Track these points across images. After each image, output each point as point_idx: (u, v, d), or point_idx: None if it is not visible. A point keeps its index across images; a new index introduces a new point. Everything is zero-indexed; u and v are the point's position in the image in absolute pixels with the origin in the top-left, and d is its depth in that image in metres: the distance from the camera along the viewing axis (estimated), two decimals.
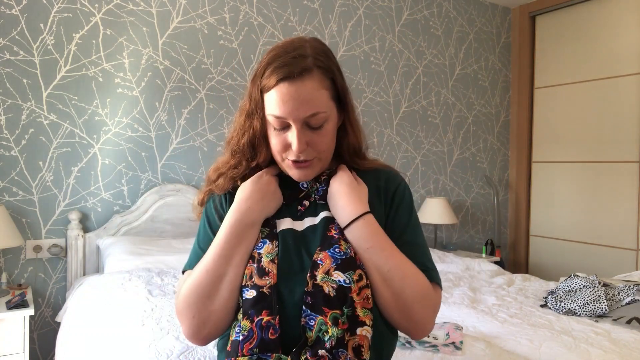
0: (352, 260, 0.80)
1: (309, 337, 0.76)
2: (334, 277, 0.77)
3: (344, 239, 0.82)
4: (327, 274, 0.78)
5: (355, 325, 0.76)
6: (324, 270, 0.78)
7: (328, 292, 0.76)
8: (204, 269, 0.82)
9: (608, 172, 3.54)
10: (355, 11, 3.33)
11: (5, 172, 2.30)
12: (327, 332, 0.75)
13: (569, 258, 3.75)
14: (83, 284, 2.18)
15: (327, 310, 0.76)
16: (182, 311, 0.83)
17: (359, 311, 0.77)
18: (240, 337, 0.77)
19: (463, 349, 1.61)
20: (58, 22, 2.40)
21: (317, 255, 0.81)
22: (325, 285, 0.77)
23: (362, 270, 0.79)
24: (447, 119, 3.77)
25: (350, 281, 0.77)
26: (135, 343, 1.58)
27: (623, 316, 1.92)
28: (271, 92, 0.82)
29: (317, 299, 0.76)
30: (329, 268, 0.78)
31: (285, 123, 0.83)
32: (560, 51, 3.84)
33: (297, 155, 0.84)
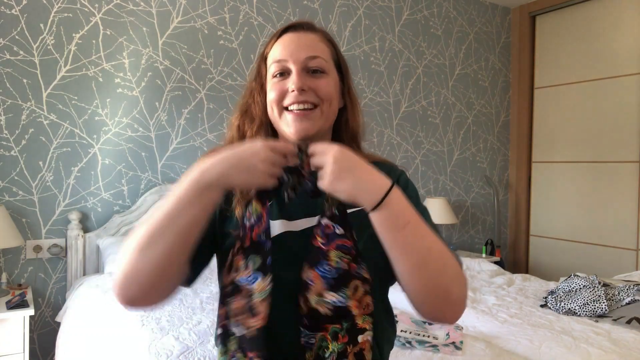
0: (345, 275, 0.73)
1: (308, 357, 0.72)
2: (328, 299, 0.72)
3: (335, 246, 0.73)
4: (320, 295, 0.72)
5: (355, 335, 0.73)
6: (315, 292, 0.72)
7: (325, 313, 0.72)
8: (147, 221, 0.71)
9: (608, 172, 3.54)
10: (355, 11, 3.33)
11: (5, 172, 2.30)
12: (327, 348, 0.72)
13: (569, 258, 3.75)
14: (83, 284, 2.18)
15: (327, 326, 0.72)
16: (118, 261, 0.74)
17: (358, 320, 0.73)
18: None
19: (463, 349, 1.61)
20: (58, 22, 2.40)
21: (306, 273, 0.73)
22: (321, 307, 0.72)
23: (356, 280, 0.73)
24: (447, 119, 3.77)
25: (345, 298, 0.72)
26: (135, 343, 1.58)
27: (623, 316, 1.93)
28: (274, 46, 0.85)
29: (315, 319, 0.72)
30: (320, 290, 0.72)
31: (285, 67, 0.82)
32: (560, 51, 3.84)
33: (296, 96, 0.80)
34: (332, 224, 0.74)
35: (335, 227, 0.74)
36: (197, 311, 1.81)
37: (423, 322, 1.87)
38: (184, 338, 1.57)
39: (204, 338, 1.58)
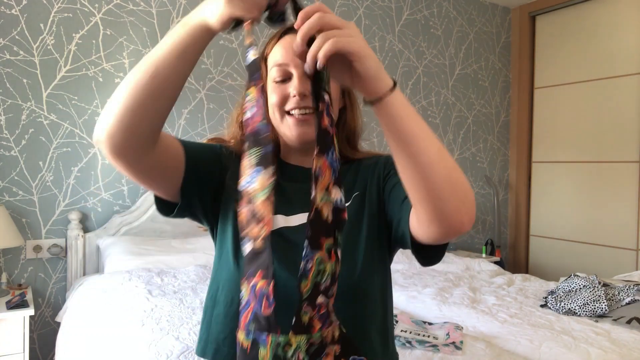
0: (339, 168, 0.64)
1: (303, 286, 0.60)
2: (332, 196, 0.63)
3: (335, 131, 0.65)
4: (327, 191, 0.63)
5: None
6: (323, 185, 0.62)
7: (326, 217, 0.62)
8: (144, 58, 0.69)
9: (608, 172, 3.54)
10: (355, 11, 3.33)
11: (5, 172, 2.30)
12: (324, 271, 0.61)
13: (569, 258, 3.75)
14: (83, 284, 2.18)
15: (323, 241, 0.62)
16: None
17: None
18: (242, 304, 0.62)
19: (463, 349, 1.61)
20: (58, 22, 2.40)
21: (317, 161, 0.62)
22: (325, 208, 0.62)
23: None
24: (447, 119, 3.77)
25: (343, 202, 0.64)
26: (135, 343, 1.58)
27: (623, 316, 1.93)
28: (274, 48, 0.85)
29: (317, 227, 0.62)
30: (328, 183, 0.63)
31: (286, 72, 0.82)
32: (560, 51, 3.84)
33: (297, 102, 0.80)
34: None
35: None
36: (197, 311, 1.81)
37: (423, 322, 1.87)
38: (184, 338, 1.57)
39: None
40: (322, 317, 0.61)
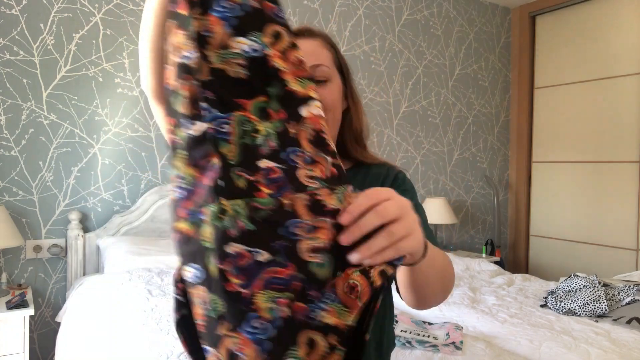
0: (291, 324, 0.47)
1: (227, 151, 0.48)
2: (236, 49, 0.49)
3: (264, 285, 0.47)
4: (224, 48, 0.49)
5: (297, 104, 0.51)
6: (216, 44, 0.49)
7: (236, 73, 0.49)
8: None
9: (608, 172, 3.54)
10: (355, 11, 3.33)
11: (5, 172, 2.30)
12: (257, 131, 0.49)
13: (569, 258, 3.75)
14: (83, 284, 2.18)
15: (244, 102, 0.49)
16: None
17: (291, 84, 0.51)
18: (182, 192, 0.51)
19: (463, 349, 1.61)
20: (58, 22, 2.40)
21: (229, 343, 0.47)
22: (228, 66, 0.49)
23: (312, 331, 0.47)
24: (447, 119, 3.77)
25: (261, 45, 0.49)
26: (136, 343, 1.58)
27: (623, 316, 1.93)
28: None
29: (222, 86, 0.49)
30: (221, 39, 0.49)
31: None
32: (560, 51, 3.84)
33: None
34: (246, 250, 0.46)
35: (253, 254, 0.46)
36: None
37: (423, 322, 1.87)
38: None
39: None
40: (276, 182, 0.48)
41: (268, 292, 0.46)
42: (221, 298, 0.47)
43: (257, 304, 0.46)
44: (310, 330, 0.47)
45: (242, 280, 0.46)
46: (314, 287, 0.47)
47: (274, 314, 0.46)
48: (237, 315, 0.46)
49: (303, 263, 0.46)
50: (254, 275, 0.46)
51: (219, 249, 0.46)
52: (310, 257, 0.47)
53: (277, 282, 0.46)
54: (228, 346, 0.47)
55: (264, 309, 0.46)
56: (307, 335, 0.47)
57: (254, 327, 0.46)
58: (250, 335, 0.46)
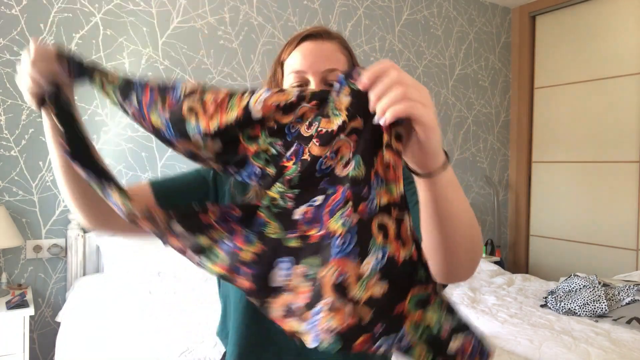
0: (364, 226, 0.54)
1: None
2: (372, 285, 0.53)
3: (330, 211, 0.56)
4: (361, 280, 0.54)
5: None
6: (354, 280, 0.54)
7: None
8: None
9: (608, 172, 3.54)
10: (355, 11, 3.33)
11: (5, 172, 2.30)
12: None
13: (569, 258, 3.75)
14: (83, 284, 2.18)
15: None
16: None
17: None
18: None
19: None
20: (58, 22, 2.40)
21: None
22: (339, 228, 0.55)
23: (379, 216, 0.54)
24: (447, 119, 3.77)
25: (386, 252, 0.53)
26: (135, 343, 1.58)
27: (623, 316, 1.93)
28: (292, 54, 0.85)
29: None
30: (359, 274, 0.53)
31: (304, 79, 0.83)
32: (560, 51, 3.84)
33: None
34: (307, 206, 0.58)
35: (312, 204, 0.58)
36: (197, 311, 1.81)
37: None
38: (184, 338, 1.57)
39: (204, 338, 1.58)
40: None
41: (335, 216, 0.55)
42: (311, 253, 0.56)
43: (332, 228, 0.55)
44: (376, 217, 0.53)
45: (316, 228, 0.56)
46: (363, 186, 0.54)
47: (347, 225, 0.53)
48: (326, 252, 0.54)
49: (344, 178, 0.55)
50: (321, 216, 0.56)
51: (287, 223, 0.57)
52: (345, 171, 0.55)
53: (337, 204, 0.55)
54: (331, 280, 0.53)
55: (338, 228, 0.54)
56: (376, 223, 0.53)
57: (338, 246, 0.53)
58: (340, 254, 0.53)
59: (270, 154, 0.60)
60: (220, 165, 0.63)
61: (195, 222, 0.60)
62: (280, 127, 0.60)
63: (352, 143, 0.55)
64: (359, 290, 0.52)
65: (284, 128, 0.59)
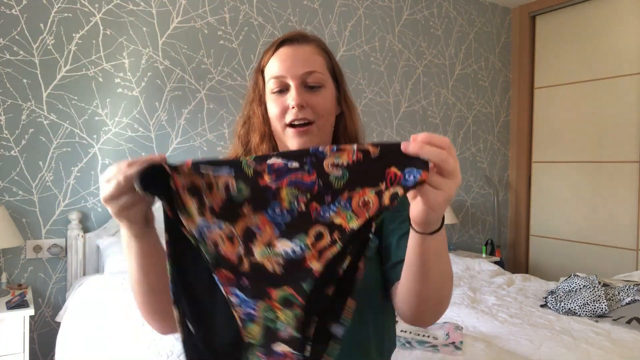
0: (303, 217, 0.57)
1: (251, 333, 0.58)
2: (279, 249, 0.57)
3: (288, 182, 0.57)
4: (269, 245, 0.57)
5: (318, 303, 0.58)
6: (263, 242, 0.58)
7: (273, 270, 0.57)
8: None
9: (608, 172, 3.54)
10: (355, 11, 3.33)
11: (5, 172, 2.30)
12: (277, 318, 0.57)
13: (569, 258, 3.75)
14: (83, 284, 2.18)
15: (271, 291, 0.57)
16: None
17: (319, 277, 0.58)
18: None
19: (463, 349, 1.61)
20: (58, 22, 2.40)
21: (251, 218, 0.58)
22: (267, 262, 0.57)
23: (321, 226, 0.57)
24: (447, 119, 3.77)
25: (302, 247, 0.57)
26: (135, 343, 1.58)
27: (623, 316, 1.93)
28: (271, 60, 0.86)
29: (258, 279, 0.57)
30: (269, 238, 0.57)
31: (284, 84, 0.84)
32: (560, 51, 3.84)
33: (296, 113, 0.82)
34: (282, 161, 0.57)
35: (287, 162, 0.57)
36: None
37: None
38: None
39: None
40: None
41: (292, 190, 0.57)
42: (249, 187, 0.57)
43: (281, 196, 0.57)
44: (320, 225, 0.57)
45: (273, 178, 0.57)
46: (330, 194, 0.56)
47: (292, 206, 0.57)
48: (262, 201, 0.57)
49: (324, 174, 0.56)
50: (283, 176, 0.57)
51: (259, 159, 0.57)
52: (331, 170, 0.56)
53: (301, 184, 0.56)
54: (247, 223, 0.57)
55: (285, 201, 0.57)
56: (316, 229, 0.57)
57: (274, 212, 0.57)
58: (270, 217, 0.57)
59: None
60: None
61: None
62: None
63: (355, 157, 0.56)
64: (259, 254, 0.57)
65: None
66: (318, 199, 0.57)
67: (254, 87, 0.91)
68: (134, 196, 0.60)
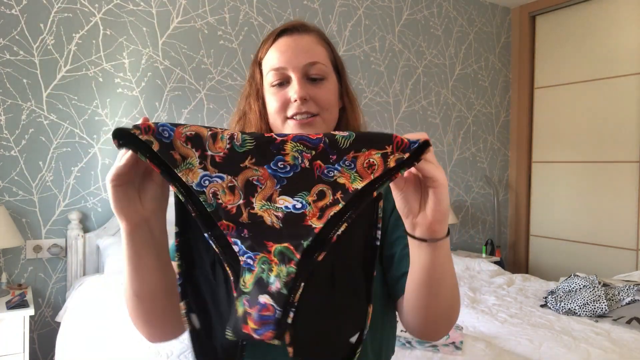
0: (306, 175, 0.56)
1: (244, 282, 0.56)
2: (279, 204, 0.56)
3: (293, 137, 0.56)
4: (269, 200, 0.57)
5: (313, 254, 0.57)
6: (262, 196, 0.57)
7: (272, 223, 0.56)
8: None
9: (608, 172, 3.54)
10: (355, 11, 3.33)
11: (5, 172, 2.30)
12: (271, 271, 0.56)
13: (569, 258, 3.75)
14: (83, 284, 2.18)
15: (270, 244, 0.56)
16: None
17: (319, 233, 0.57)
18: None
19: (463, 349, 1.61)
20: (58, 22, 2.40)
21: (251, 171, 0.57)
22: (267, 215, 0.56)
23: (324, 185, 0.56)
24: (447, 119, 3.77)
25: (304, 204, 0.56)
26: (135, 343, 1.58)
27: (623, 316, 1.93)
28: (269, 51, 0.81)
29: (257, 231, 0.56)
30: (270, 193, 0.57)
31: (284, 76, 0.79)
32: (560, 51, 3.84)
33: (298, 107, 0.77)
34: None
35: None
36: None
37: None
38: (184, 338, 1.57)
39: None
40: (263, 320, 0.54)
41: (297, 145, 0.56)
42: (254, 138, 0.56)
43: (286, 150, 0.56)
44: (323, 183, 0.56)
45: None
46: (335, 153, 0.56)
47: (296, 162, 0.56)
48: (266, 154, 0.56)
49: (331, 134, 0.56)
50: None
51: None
52: (336, 131, 0.57)
53: (307, 140, 0.56)
54: (248, 175, 0.56)
55: (289, 155, 0.56)
56: (319, 188, 0.56)
57: (277, 165, 0.56)
58: (271, 171, 0.56)
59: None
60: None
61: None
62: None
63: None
64: (259, 207, 0.56)
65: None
66: (322, 157, 0.56)
67: (250, 80, 0.86)
68: (131, 168, 0.59)
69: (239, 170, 0.57)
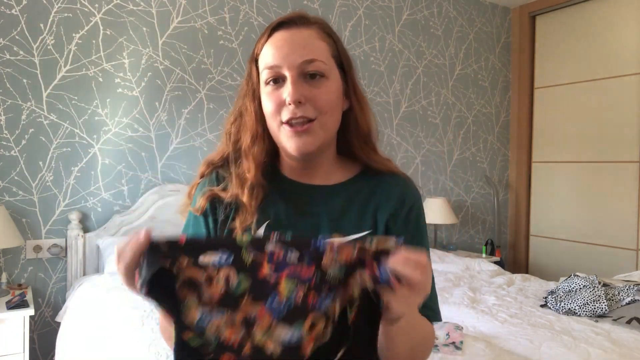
0: (300, 308, 0.59)
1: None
2: (277, 334, 0.60)
3: (288, 274, 0.59)
4: (269, 329, 0.60)
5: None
6: (263, 327, 0.60)
7: (271, 353, 0.59)
8: None
9: (608, 172, 3.54)
10: (355, 11, 3.33)
11: (5, 172, 2.30)
12: None
13: (569, 258, 3.75)
14: (83, 284, 2.18)
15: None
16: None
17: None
18: None
19: (463, 349, 1.61)
20: (58, 22, 2.40)
21: (250, 307, 0.59)
22: (268, 343, 0.60)
23: (315, 313, 0.60)
24: (447, 119, 3.77)
25: (300, 335, 0.59)
26: (135, 343, 1.58)
27: (623, 316, 1.93)
28: (265, 47, 0.76)
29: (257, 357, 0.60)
30: (269, 324, 0.60)
31: (279, 74, 0.73)
32: (560, 51, 3.84)
33: (293, 110, 0.72)
34: (282, 251, 0.60)
35: (288, 251, 0.60)
36: None
37: None
38: None
39: None
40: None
41: (291, 281, 0.59)
42: (249, 279, 0.59)
43: (280, 288, 0.59)
44: (316, 313, 0.59)
45: (272, 269, 0.59)
46: (326, 287, 0.59)
47: (290, 298, 0.59)
48: (262, 292, 0.59)
49: (322, 270, 0.59)
50: (283, 268, 0.59)
51: (257, 245, 0.60)
52: (329, 266, 0.59)
53: (301, 277, 0.59)
54: (246, 312, 0.60)
55: (284, 294, 0.59)
56: (312, 318, 0.59)
57: (273, 302, 0.59)
58: (267, 308, 0.59)
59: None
60: None
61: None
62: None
63: (353, 257, 0.59)
64: (261, 335, 0.60)
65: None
66: (316, 290, 0.59)
67: (247, 79, 0.80)
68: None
69: (237, 307, 0.60)
